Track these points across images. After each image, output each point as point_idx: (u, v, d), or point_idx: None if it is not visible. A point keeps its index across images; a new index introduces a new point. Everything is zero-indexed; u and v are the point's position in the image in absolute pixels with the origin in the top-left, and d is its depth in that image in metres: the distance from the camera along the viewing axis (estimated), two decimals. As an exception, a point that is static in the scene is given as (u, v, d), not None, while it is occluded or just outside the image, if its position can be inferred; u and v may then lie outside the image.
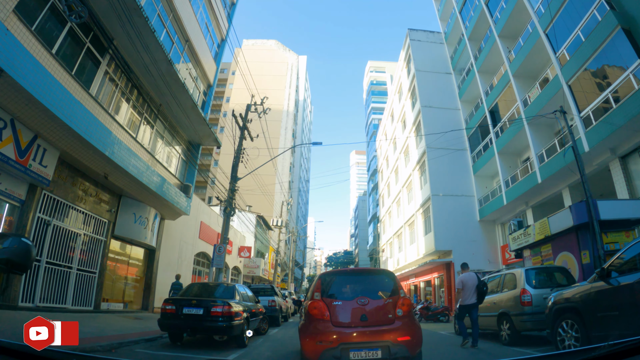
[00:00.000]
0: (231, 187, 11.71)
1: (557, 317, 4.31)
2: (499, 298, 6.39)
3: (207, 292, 6.40)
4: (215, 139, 12.56)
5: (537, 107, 13.55)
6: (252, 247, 23.21)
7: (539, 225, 9.11)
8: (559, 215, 8.52)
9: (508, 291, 6.23)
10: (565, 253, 8.05)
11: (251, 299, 7.09)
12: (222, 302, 5.46)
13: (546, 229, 8.70)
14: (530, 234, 9.55)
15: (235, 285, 6.45)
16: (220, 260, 10.42)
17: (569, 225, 7.93)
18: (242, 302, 6.24)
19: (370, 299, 3.49)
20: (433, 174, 18.00)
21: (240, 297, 6.33)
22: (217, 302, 5.46)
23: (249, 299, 6.92)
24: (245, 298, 6.67)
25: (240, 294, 6.39)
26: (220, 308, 5.35)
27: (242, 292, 6.70)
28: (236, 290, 6.30)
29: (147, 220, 10.58)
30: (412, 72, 21.76)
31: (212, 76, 14.53)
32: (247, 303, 6.51)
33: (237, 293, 6.27)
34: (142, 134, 10.17)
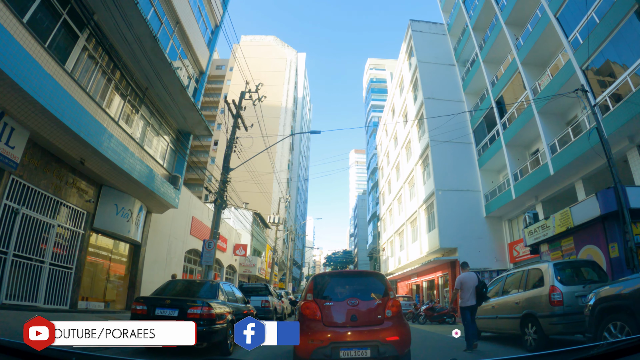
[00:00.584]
0: (223, 178, 10.90)
1: (601, 319, 3.56)
2: (522, 297, 5.58)
3: (186, 291, 5.58)
4: (207, 127, 11.75)
5: (548, 96, 12.81)
6: (249, 245, 22.38)
7: (560, 217, 8.32)
8: (583, 205, 7.74)
9: (533, 289, 5.43)
10: (590, 246, 7.27)
11: (239, 299, 6.27)
12: (202, 302, 4.66)
13: (568, 220, 7.92)
14: (550, 227, 8.76)
15: (219, 283, 5.61)
16: (210, 257, 9.61)
17: (594, 215, 7.14)
18: (227, 303, 5.43)
19: (361, 300, 3.62)
20: (437, 167, 17.22)
21: (225, 297, 5.51)
22: (195, 303, 4.66)
23: (237, 299, 6.10)
24: (232, 298, 5.86)
25: (225, 293, 5.56)
26: (199, 309, 4.54)
27: (228, 290, 5.88)
28: (220, 288, 5.47)
29: (130, 213, 9.76)
30: (414, 63, 21.01)
31: (205, 63, 13.74)
32: (233, 304, 5.70)
33: (221, 292, 5.45)
34: (125, 118, 9.36)
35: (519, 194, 14.02)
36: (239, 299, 6.20)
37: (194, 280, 6.24)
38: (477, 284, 5.55)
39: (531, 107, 13.74)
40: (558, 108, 13.37)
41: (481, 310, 6.71)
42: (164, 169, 11.00)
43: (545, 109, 13.29)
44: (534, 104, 13.55)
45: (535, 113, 13.39)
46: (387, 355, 3.24)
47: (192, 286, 5.81)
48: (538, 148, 14.62)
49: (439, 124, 18.15)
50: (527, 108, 14.15)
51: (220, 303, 5.13)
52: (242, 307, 6.07)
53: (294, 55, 43.87)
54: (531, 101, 13.55)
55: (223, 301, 5.29)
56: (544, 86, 13.33)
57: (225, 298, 5.45)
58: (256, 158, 31.69)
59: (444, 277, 17.50)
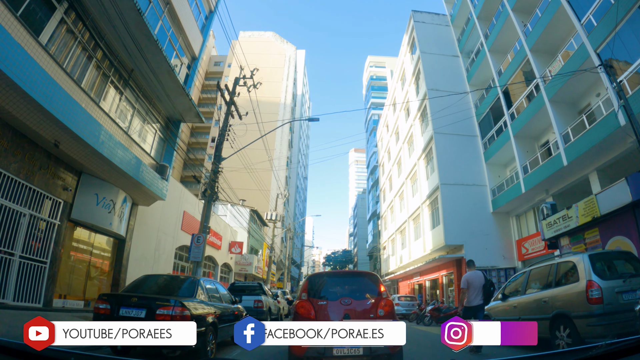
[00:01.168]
0: (214, 168, 10.16)
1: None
2: (551, 295, 4.81)
3: (160, 288, 4.81)
4: (197, 113, 11.00)
5: (561, 82, 12.12)
6: (245, 243, 21.61)
7: (584, 206, 7.57)
8: (610, 191, 7.01)
9: (565, 285, 4.67)
10: (619, 238, 6.54)
11: (225, 298, 5.51)
12: (175, 301, 3.89)
13: (593, 209, 7.18)
14: (572, 217, 8.01)
15: (199, 280, 4.82)
16: (199, 252, 8.86)
17: (624, 202, 6.41)
18: (209, 303, 4.68)
19: (354, 299, 3.73)
20: (441, 161, 16.48)
21: (207, 296, 4.76)
22: (166, 302, 3.90)
23: (221, 298, 5.33)
24: (215, 297, 5.09)
25: (206, 292, 4.80)
26: (170, 310, 3.80)
27: (210, 288, 5.11)
28: (200, 286, 4.69)
29: (112, 204, 8.99)
30: (417, 54, 20.31)
31: (198, 49, 13.00)
32: (216, 304, 4.94)
33: (201, 290, 4.67)
34: (106, 101, 8.62)
35: (529, 187, 13.29)
36: (224, 299, 5.45)
37: (173, 276, 5.47)
38: (484, 283, 5.38)
39: (542, 95, 13.06)
40: (570, 96, 12.69)
41: (499, 310, 5.97)
42: (150, 157, 10.25)
43: (556, 97, 12.60)
44: (545, 92, 12.86)
45: (546, 101, 12.68)
46: (379, 353, 3.29)
47: (169, 282, 5.04)
48: (548, 139, 13.91)
49: (443, 115, 17.44)
50: (537, 97, 13.46)
51: (199, 303, 4.39)
52: (227, 307, 5.32)
53: (293, 51, 43.16)
54: (542, 89, 12.83)
55: (203, 301, 4.54)
56: (555, 72, 12.62)
57: (206, 297, 4.70)
58: (254, 154, 30.98)
59: (449, 276, 16.74)
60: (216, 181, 9.99)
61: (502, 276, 14.51)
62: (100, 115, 8.28)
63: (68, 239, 8.42)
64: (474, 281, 5.44)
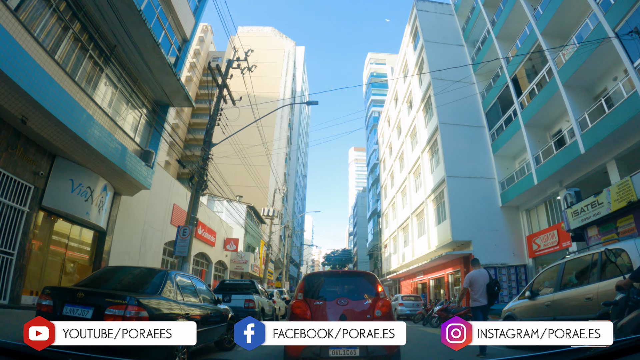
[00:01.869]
0: (203, 154, 9.34)
1: None
2: (597, 290, 3.98)
3: (120, 281, 3.95)
4: (186, 96, 10.19)
5: (575, 65, 11.37)
6: (242, 240, 20.76)
7: (617, 190, 6.76)
8: (650, 172, 6.18)
9: (614, 278, 3.84)
10: (661, 225, 5.73)
11: (205, 296, 4.65)
12: (130, 299, 3.06)
13: (629, 192, 6.36)
14: (602, 203, 7.19)
15: (169, 273, 3.91)
16: (185, 246, 8.03)
17: (668, 183, 5.59)
18: (180, 302, 3.81)
19: (350, 299, 3.69)
20: (447, 152, 15.66)
21: (178, 294, 3.85)
22: (118, 299, 3.07)
23: (200, 296, 4.44)
24: (191, 295, 4.23)
25: (177, 288, 3.88)
26: (122, 309, 2.98)
27: (186, 284, 4.22)
28: (169, 280, 3.79)
29: (89, 191, 8.16)
30: (420, 43, 19.53)
31: (189, 31, 12.18)
32: (191, 303, 4.07)
33: (171, 285, 3.78)
34: (83, 76, 7.80)
35: (541, 178, 12.48)
36: (204, 297, 4.58)
37: (140, 268, 4.58)
38: (489, 282, 5.23)
39: (555, 81, 12.28)
40: (585, 81, 11.93)
41: (527, 310, 5.14)
42: (134, 142, 9.42)
43: (570, 82, 11.84)
44: (559, 77, 12.08)
45: (560, 86, 11.90)
46: (376, 354, 3.24)
47: (134, 276, 4.14)
48: (561, 128, 13.13)
49: (449, 102, 16.66)
50: (549, 82, 12.68)
51: (166, 301, 3.54)
52: (207, 308, 4.46)
53: (292, 46, 42.40)
54: (555, 74, 12.05)
55: (171, 299, 3.68)
56: (568, 56, 11.87)
57: (177, 294, 3.82)
58: (252, 150, 30.14)
59: (455, 274, 15.91)
60: (205, 169, 9.17)
61: (512, 274, 13.70)
62: (76, 91, 7.47)
63: (40, 229, 7.60)
64: (478, 280, 5.29)
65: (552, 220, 13.41)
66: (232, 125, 11.03)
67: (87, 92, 7.84)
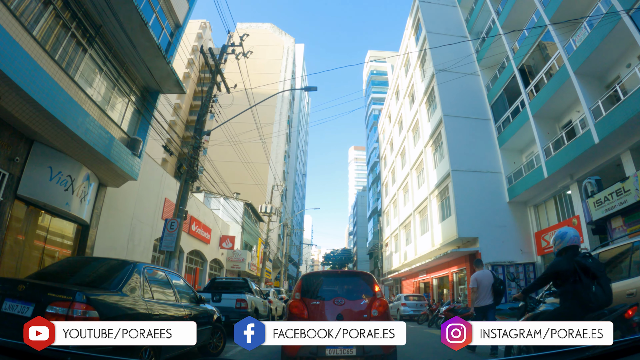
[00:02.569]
0: (194, 143, 8.74)
1: None
2: (634, 286, 3.38)
3: (76, 274, 3.30)
4: (177, 81, 9.59)
5: (587, 51, 10.83)
6: (239, 238, 20.13)
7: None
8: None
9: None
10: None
11: (184, 295, 4.00)
12: (78, 295, 2.45)
13: (663, 177, 5.77)
14: (630, 191, 6.60)
15: (137, 266, 3.27)
16: (172, 241, 7.44)
17: None
18: (146, 300, 3.15)
19: (347, 299, 3.70)
20: (452, 145, 15.07)
21: (144, 290, 3.17)
22: (62, 295, 2.46)
23: (177, 295, 3.79)
24: (164, 292, 3.59)
25: (144, 283, 3.21)
26: (66, 307, 2.39)
27: (158, 278, 3.57)
28: (135, 274, 3.14)
29: (70, 180, 7.54)
30: (423, 34, 18.97)
31: (182, 16, 11.58)
32: (163, 302, 3.43)
33: (137, 280, 3.13)
34: (64, 56, 7.20)
35: (552, 171, 11.90)
36: (183, 296, 3.94)
37: (104, 260, 3.94)
38: (494, 282, 5.42)
39: (565, 69, 11.72)
40: (596, 69, 11.39)
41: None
42: (120, 129, 8.81)
43: (582, 70, 11.29)
44: (569, 64, 11.52)
45: (571, 74, 11.34)
46: (373, 354, 3.23)
47: (95, 268, 3.47)
48: (571, 119, 12.57)
49: (453, 98, 16.10)
50: (559, 70, 12.12)
51: (127, 298, 2.93)
52: (186, 308, 3.83)
53: (291, 42, 41.84)
54: (566, 62, 11.47)
55: (136, 296, 3.05)
56: (580, 42, 11.32)
57: (144, 292, 3.17)
58: (250, 148, 29.43)
59: (460, 272, 15.29)
60: (196, 158, 8.57)
61: (520, 272, 13.09)
62: (55, 70, 6.88)
63: (16, 221, 6.98)
64: (482, 280, 5.48)
65: (563, 216, 12.82)
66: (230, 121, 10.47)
67: (68, 73, 7.25)
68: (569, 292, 2.65)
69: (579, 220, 11.71)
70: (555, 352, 1.31)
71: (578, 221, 11.70)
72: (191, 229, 13.96)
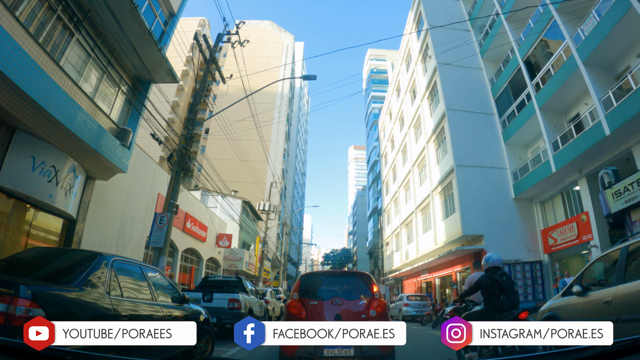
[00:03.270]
0: (187, 133, 8.30)
1: None
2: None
3: (33, 267, 2.81)
4: (170, 70, 9.15)
5: (596, 40, 10.43)
6: (237, 236, 19.70)
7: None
8: None
9: None
10: None
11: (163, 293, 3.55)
12: (22, 290, 2.04)
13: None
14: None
15: (103, 258, 2.82)
16: (161, 236, 7.01)
17: None
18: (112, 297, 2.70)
19: (345, 299, 3.70)
20: (456, 140, 14.64)
21: (110, 285, 2.71)
22: (3, 287, 2.06)
23: (154, 293, 3.32)
24: (136, 289, 3.13)
25: (111, 278, 2.75)
26: (5, 303, 1.99)
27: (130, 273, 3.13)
28: (101, 267, 2.71)
29: (54, 171, 7.11)
30: (425, 28, 18.55)
31: (177, 4, 11.16)
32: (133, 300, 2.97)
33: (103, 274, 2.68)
34: (49, 40, 6.79)
35: (560, 165, 11.48)
36: (163, 293, 3.48)
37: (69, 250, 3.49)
38: None
39: (573, 59, 11.31)
40: (606, 59, 10.99)
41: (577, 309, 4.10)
42: (108, 118, 8.38)
43: (591, 60, 10.88)
44: (578, 54, 11.11)
45: (580, 64, 10.92)
46: (370, 354, 3.23)
47: (54, 259, 2.99)
48: (579, 112, 12.16)
49: (456, 92, 15.70)
50: (567, 62, 11.70)
51: (87, 294, 2.47)
52: (164, 307, 3.38)
53: (291, 40, 41.45)
54: (574, 52, 11.07)
55: (100, 293, 2.59)
56: (588, 31, 10.91)
57: (111, 288, 2.71)
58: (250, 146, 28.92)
59: (464, 271, 14.84)
60: (188, 149, 8.13)
61: (527, 271, 12.67)
62: (39, 54, 6.47)
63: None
64: None
65: (570, 212, 12.40)
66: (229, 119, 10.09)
67: (53, 58, 6.83)
68: (487, 299, 3.72)
69: (588, 217, 11.29)
70: (555, 352, 1.29)
71: (587, 217, 11.28)
72: (186, 226, 13.52)
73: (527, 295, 12.35)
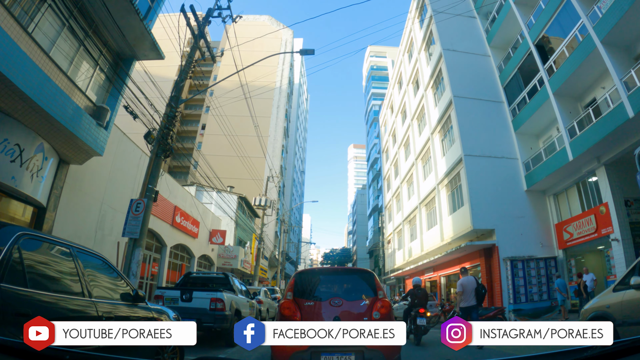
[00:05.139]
0: (170, 112, 7.47)
1: None
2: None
3: None
4: (153, 44, 8.33)
5: (615, 17, 9.66)
6: (231, 233, 18.84)
7: None
8: None
9: None
10: None
11: (98, 285, 2.71)
12: None
13: None
14: None
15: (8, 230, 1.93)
16: (137, 226, 6.18)
17: None
18: (35, 292, 1.97)
19: (345, 300, 3.44)
20: (464, 128, 13.82)
21: (3, 271, 1.82)
22: None
23: (82, 283, 2.44)
24: (55, 278, 2.31)
25: (8, 260, 1.86)
26: None
27: (50, 255, 2.32)
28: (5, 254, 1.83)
29: (19, 150, 6.27)
30: (429, 15, 17.79)
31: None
32: (42, 296, 2.07)
33: (5, 259, 1.83)
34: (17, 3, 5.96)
35: (577, 153, 10.69)
36: (97, 288, 2.61)
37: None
38: (477, 287, 6.57)
39: (590, 38, 10.53)
40: (624, 38, 10.22)
41: (632, 305, 3.33)
42: (83, 94, 7.53)
43: (609, 39, 10.10)
44: (596, 33, 10.32)
45: (597, 43, 10.14)
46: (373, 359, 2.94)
47: None
48: (595, 97, 11.37)
49: (463, 79, 14.92)
50: (583, 42, 10.92)
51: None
52: (103, 304, 2.56)
53: (289, 35, 40.71)
54: (591, 30, 10.29)
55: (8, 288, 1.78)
56: (605, 9, 10.14)
57: (9, 275, 1.84)
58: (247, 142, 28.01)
59: (474, 269, 13.98)
60: (171, 129, 7.29)
61: (541, 267, 11.84)
62: (3, 16, 5.64)
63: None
64: (467, 285, 6.54)
65: (588, 205, 11.59)
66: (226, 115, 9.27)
67: (18, 20, 5.99)
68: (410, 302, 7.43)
69: (607, 208, 10.50)
70: (555, 352, 1.27)
71: (607, 209, 10.48)
72: (175, 220, 12.66)
73: (542, 294, 11.52)
